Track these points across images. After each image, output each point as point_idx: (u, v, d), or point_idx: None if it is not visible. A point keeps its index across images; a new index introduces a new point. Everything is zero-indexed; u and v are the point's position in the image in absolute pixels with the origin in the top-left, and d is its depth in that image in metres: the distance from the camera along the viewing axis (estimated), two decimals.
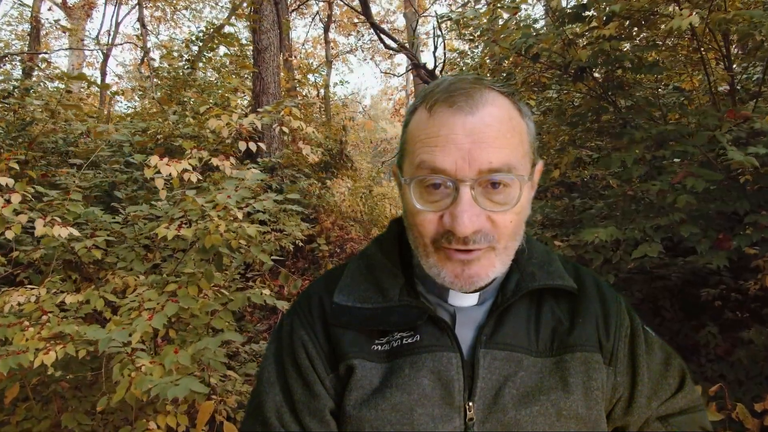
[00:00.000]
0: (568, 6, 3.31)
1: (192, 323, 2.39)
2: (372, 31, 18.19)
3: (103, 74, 13.73)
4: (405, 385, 0.77)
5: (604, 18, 3.06)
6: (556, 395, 0.78)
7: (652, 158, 2.86)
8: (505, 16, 3.33)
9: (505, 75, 3.59)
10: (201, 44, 8.15)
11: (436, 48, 9.25)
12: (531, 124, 0.79)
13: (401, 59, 24.97)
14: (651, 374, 0.89)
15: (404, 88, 25.64)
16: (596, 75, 3.40)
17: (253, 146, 3.16)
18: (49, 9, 16.23)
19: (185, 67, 8.02)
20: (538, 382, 0.78)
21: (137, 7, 11.29)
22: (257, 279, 5.68)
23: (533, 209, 3.43)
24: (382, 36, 9.21)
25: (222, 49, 9.33)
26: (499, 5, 3.26)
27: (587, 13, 3.23)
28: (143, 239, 3.05)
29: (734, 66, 3.39)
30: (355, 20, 16.83)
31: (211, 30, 8.22)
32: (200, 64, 7.84)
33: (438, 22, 8.02)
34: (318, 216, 7.29)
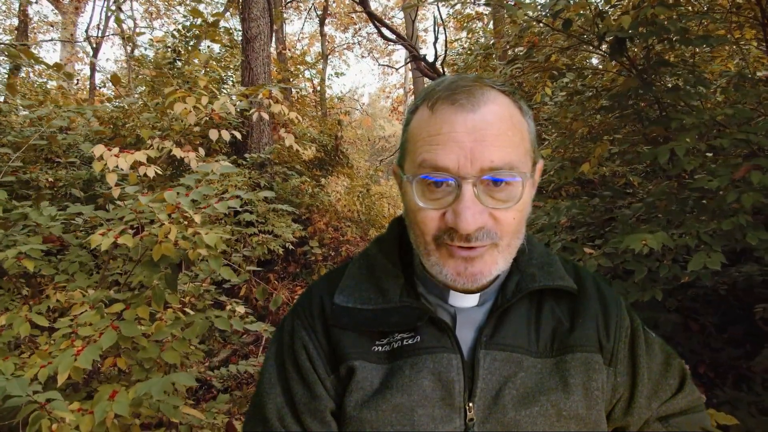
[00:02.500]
0: None
1: (140, 354, 1.88)
2: (370, 25, 17.69)
3: (93, 70, 13.19)
4: (405, 386, 0.76)
5: None
6: (556, 396, 0.77)
7: (708, 149, 2.35)
8: None
9: (523, 52, 3.08)
10: (192, 34, 7.62)
11: (436, 39, 8.76)
12: (531, 123, 0.78)
13: (399, 57, 24.52)
14: (651, 375, 0.88)
15: (402, 86, 25.16)
16: (628, 52, 2.89)
17: (226, 135, 2.66)
18: (36, 1, 15.73)
19: (171, 59, 7.50)
20: (538, 383, 0.77)
21: None
22: (242, 287, 5.16)
23: (558, 210, 2.92)
24: (381, 28, 8.71)
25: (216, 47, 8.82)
26: None
27: None
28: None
29: None
30: (353, 14, 16.32)
31: (198, 21, 7.69)
32: (194, 60, 7.31)
33: (438, 8, 7.53)
34: (311, 216, 6.76)
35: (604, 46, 2.99)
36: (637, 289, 2.52)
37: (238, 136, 2.60)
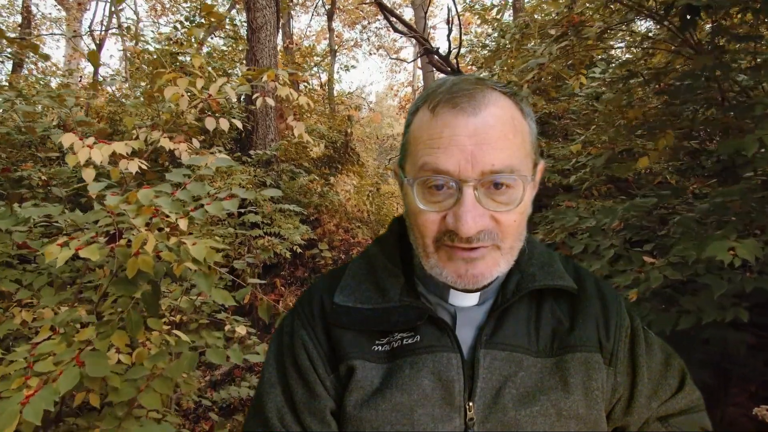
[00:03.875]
0: None
1: (110, 397, 1.49)
2: (378, 20, 17.28)
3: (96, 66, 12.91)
4: (405, 385, 0.76)
5: None
6: (556, 395, 0.76)
7: None
8: None
9: (571, 29, 2.68)
10: (197, 23, 7.25)
11: (450, 30, 8.34)
12: (533, 125, 0.78)
13: (407, 54, 24.10)
14: (651, 374, 0.87)
15: (410, 84, 24.73)
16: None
17: (225, 124, 2.27)
18: None
19: (171, 51, 7.14)
20: (538, 383, 0.77)
21: None
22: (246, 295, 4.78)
23: (612, 212, 2.51)
24: (392, 20, 8.32)
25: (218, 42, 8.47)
26: None
27: None
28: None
29: None
30: (361, 7, 15.94)
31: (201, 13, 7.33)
32: (191, 38, 6.94)
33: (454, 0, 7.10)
34: (320, 217, 6.37)
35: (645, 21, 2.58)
36: (713, 307, 2.11)
37: (239, 125, 2.21)
